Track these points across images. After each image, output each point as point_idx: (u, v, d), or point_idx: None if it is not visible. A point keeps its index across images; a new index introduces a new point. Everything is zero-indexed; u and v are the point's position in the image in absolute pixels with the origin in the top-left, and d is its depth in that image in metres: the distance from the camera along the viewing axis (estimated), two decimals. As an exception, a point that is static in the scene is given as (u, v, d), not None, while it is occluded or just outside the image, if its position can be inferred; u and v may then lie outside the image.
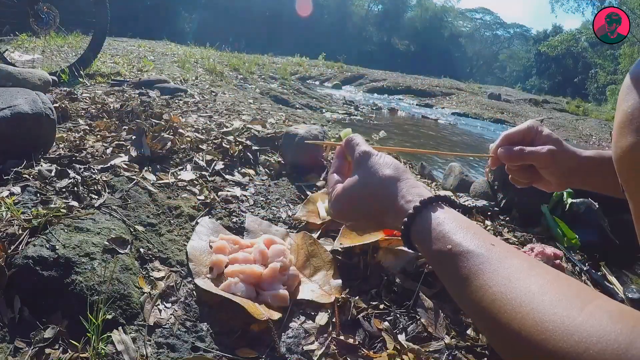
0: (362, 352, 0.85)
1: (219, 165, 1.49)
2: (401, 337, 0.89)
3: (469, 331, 0.95)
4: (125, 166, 1.31)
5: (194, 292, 0.94)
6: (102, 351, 0.73)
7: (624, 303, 1.16)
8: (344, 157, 0.66)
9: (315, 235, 1.16)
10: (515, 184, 0.82)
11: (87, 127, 1.71)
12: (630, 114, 0.49)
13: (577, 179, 0.72)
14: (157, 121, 1.75)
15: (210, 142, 1.65)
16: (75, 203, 1.05)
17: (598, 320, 0.33)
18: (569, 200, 1.51)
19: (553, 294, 0.37)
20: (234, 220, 1.23)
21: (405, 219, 0.51)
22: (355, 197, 0.58)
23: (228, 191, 1.36)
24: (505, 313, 0.38)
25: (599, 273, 1.31)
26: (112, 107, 1.98)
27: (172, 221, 1.13)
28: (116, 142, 1.51)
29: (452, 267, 0.44)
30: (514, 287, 0.38)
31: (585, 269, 1.29)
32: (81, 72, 2.86)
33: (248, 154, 1.61)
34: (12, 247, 0.86)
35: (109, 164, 1.29)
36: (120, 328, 0.79)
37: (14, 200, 0.99)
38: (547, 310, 0.35)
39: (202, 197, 1.27)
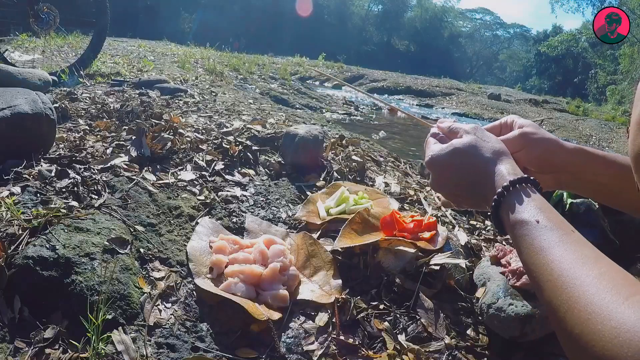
0: (362, 352, 0.85)
1: (219, 166, 1.49)
2: (401, 338, 0.89)
3: (469, 331, 0.95)
4: (125, 166, 1.31)
5: (194, 292, 0.94)
6: (102, 351, 0.73)
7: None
8: (436, 137, 0.69)
9: (315, 236, 1.16)
10: None
11: (87, 127, 1.71)
12: None
13: (567, 174, 0.70)
14: (157, 121, 1.75)
15: (210, 142, 1.65)
16: (75, 203, 1.05)
17: (636, 312, 0.35)
18: (569, 200, 1.51)
19: (606, 283, 0.40)
20: (234, 220, 1.23)
21: (504, 186, 0.55)
22: (461, 156, 0.61)
23: (228, 191, 1.36)
24: (565, 291, 0.42)
25: (599, 273, 1.31)
26: (112, 107, 1.98)
27: (172, 221, 1.13)
28: (116, 142, 1.51)
29: (533, 237, 0.49)
30: (578, 271, 0.43)
31: (585, 269, 1.29)
32: (81, 72, 2.86)
33: (248, 154, 1.61)
34: (12, 247, 0.86)
35: (109, 164, 1.29)
36: (120, 328, 0.79)
37: (14, 200, 0.99)
38: (596, 296, 0.39)
39: (202, 197, 1.27)
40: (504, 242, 1.33)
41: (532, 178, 0.55)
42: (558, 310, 0.43)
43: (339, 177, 1.57)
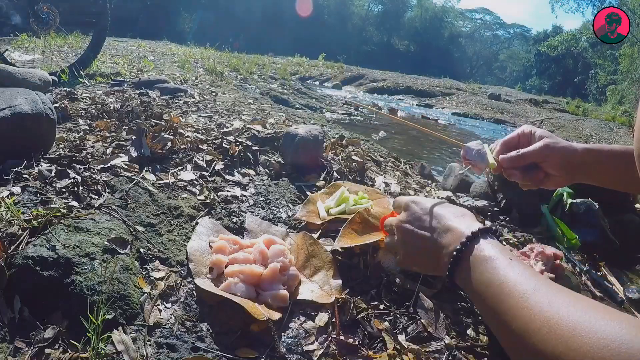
0: (362, 353, 0.85)
1: (219, 166, 1.49)
2: (401, 338, 0.89)
3: (469, 331, 0.95)
4: (125, 166, 1.31)
5: (194, 292, 0.94)
6: (102, 351, 0.73)
7: (623, 303, 1.16)
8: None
9: (315, 236, 1.16)
10: (524, 189, 0.86)
11: (87, 127, 1.71)
12: None
13: (580, 173, 0.76)
14: (157, 121, 1.75)
15: (210, 142, 1.65)
16: (75, 203, 1.05)
17: (620, 326, 0.38)
18: (569, 201, 1.51)
19: (581, 305, 0.43)
20: (234, 220, 1.23)
21: (459, 245, 0.60)
22: (415, 229, 0.74)
23: (228, 191, 1.36)
24: (539, 315, 0.44)
25: (599, 273, 1.31)
26: (112, 107, 1.98)
27: (172, 221, 1.13)
28: (116, 142, 1.51)
29: (502, 298, 0.51)
30: (562, 318, 0.43)
31: (585, 269, 1.29)
32: (81, 72, 2.86)
33: (248, 154, 1.61)
34: (12, 247, 0.86)
35: (109, 164, 1.29)
36: (120, 328, 0.79)
37: (14, 200, 0.99)
38: (575, 316, 0.42)
39: (202, 197, 1.27)
40: (526, 248, 1.33)
41: (494, 228, 0.61)
42: (533, 336, 0.44)
43: (339, 177, 1.57)
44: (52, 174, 1.16)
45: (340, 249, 1.09)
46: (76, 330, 0.76)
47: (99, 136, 1.59)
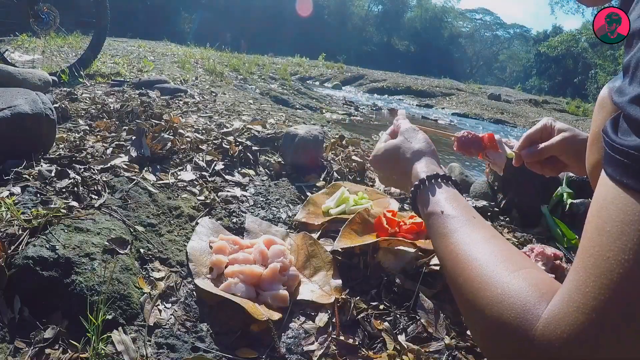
0: (362, 353, 0.85)
1: (219, 166, 1.49)
2: (401, 338, 0.89)
3: (469, 331, 0.95)
4: (125, 166, 1.31)
5: (194, 292, 0.94)
6: (102, 351, 0.73)
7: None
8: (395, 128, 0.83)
9: (315, 236, 1.16)
10: (546, 175, 0.91)
11: (87, 127, 1.71)
12: (597, 134, 0.58)
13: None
14: (157, 121, 1.75)
15: (210, 142, 1.65)
16: (75, 203, 1.05)
17: (520, 282, 0.41)
18: (569, 201, 1.50)
19: (497, 258, 0.46)
20: (234, 220, 1.23)
21: (417, 182, 0.65)
22: (391, 154, 0.76)
23: (228, 191, 1.36)
24: (462, 269, 0.48)
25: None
26: (112, 108, 1.98)
27: (172, 221, 1.13)
28: (116, 143, 1.51)
29: (439, 225, 0.57)
30: (473, 250, 0.49)
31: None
32: (81, 72, 2.86)
33: (248, 154, 1.61)
34: (12, 247, 0.86)
35: (109, 164, 1.29)
36: (120, 328, 0.79)
37: (14, 201, 0.99)
38: (487, 269, 0.45)
39: (202, 198, 1.27)
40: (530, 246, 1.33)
41: (443, 174, 0.64)
42: (457, 285, 0.48)
43: (339, 177, 1.57)
44: (52, 174, 1.16)
45: (340, 249, 1.09)
46: (76, 330, 0.76)
47: (99, 136, 1.59)
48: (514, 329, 0.38)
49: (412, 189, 0.65)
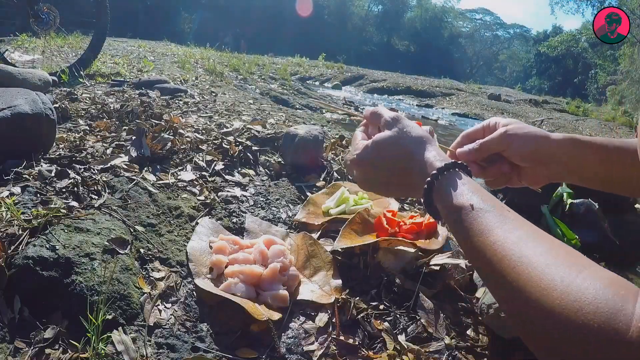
0: (362, 353, 0.85)
1: (219, 166, 1.49)
2: (401, 338, 0.89)
3: (469, 331, 0.95)
4: (125, 166, 1.31)
5: (194, 292, 0.94)
6: (102, 351, 0.73)
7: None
8: (367, 127, 0.69)
9: (315, 236, 1.16)
10: (492, 187, 0.77)
11: (87, 127, 1.71)
12: None
13: (556, 163, 0.67)
14: (157, 121, 1.75)
15: (210, 142, 1.65)
16: (75, 203, 1.05)
17: (592, 285, 0.37)
18: (569, 201, 1.51)
19: (555, 258, 0.41)
20: (234, 220, 1.23)
21: (434, 172, 0.54)
22: (385, 150, 0.60)
23: (228, 191, 1.36)
24: (514, 269, 0.42)
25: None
26: (112, 108, 1.98)
27: (172, 221, 1.13)
28: (116, 143, 1.51)
29: (471, 221, 0.48)
30: (523, 249, 0.43)
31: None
32: (81, 72, 2.86)
33: (248, 154, 1.61)
34: (12, 247, 0.86)
35: (109, 164, 1.29)
36: (120, 328, 0.79)
37: (14, 201, 0.99)
38: (549, 272, 0.39)
39: (202, 198, 1.27)
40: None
41: (460, 162, 0.55)
42: (507, 289, 0.42)
43: (339, 177, 1.57)
44: (52, 174, 1.16)
45: (340, 249, 1.09)
46: (76, 330, 0.76)
47: (99, 136, 1.59)
48: (606, 334, 0.34)
49: (427, 183, 0.54)
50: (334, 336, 0.87)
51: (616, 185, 0.69)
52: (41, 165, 1.20)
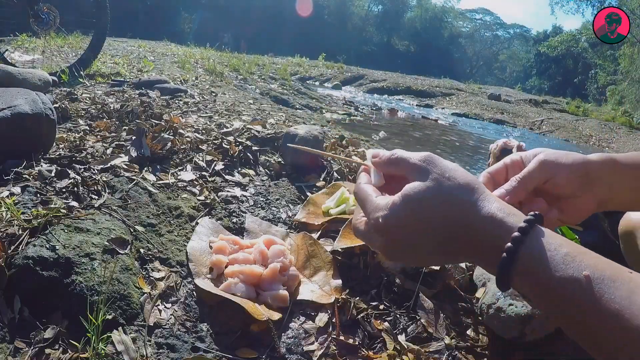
0: (362, 353, 0.85)
1: (219, 166, 1.49)
2: (401, 338, 0.89)
3: (469, 331, 0.95)
4: (125, 166, 1.31)
5: (194, 292, 0.94)
6: (102, 351, 0.73)
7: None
8: (368, 174, 0.52)
9: (315, 236, 1.16)
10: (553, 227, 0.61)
11: (87, 127, 1.71)
12: None
13: (603, 188, 0.57)
14: (157, 121, 1.75)
15: (210, 142, 1.65)
16: (75, 203, 1.05)
17: None
18: (569, 201, 1.50)
19: None
20: (234, 220, 1.23)
21: (515, 235, 0.38)
22: (425, 208, 0.42)
23: (228, 191, 1.36)
24: None
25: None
26: (112, 108, 1.98)
27: (172, 221, 1.13)
28: (116, 143, 1.51)
29: (594, 297, 0.34)
30: None
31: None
32: (81, 72, 2.86)
33: (248, 154, 1.61)
34: (12, 247, 0.86)
35: (109, 164, 1.29)
36: (120, 328, 0.79)
37: (14, 201, 0.99)
38: None
39: (202, 198, 1.27)
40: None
41: (537, 213, 0.40)
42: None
43: (339, 177, 1.57)
44: (52, 174, 1.16)
45: (340, 249, 1.09)
46: (76, 330, 0.76)
47: (99, 136, 1.59)
48: None
49: (510, 247, 0.38)
50: (334, 336, 0.87)
51: None
52: (41, 165, 1.20)
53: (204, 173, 1.42)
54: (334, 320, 0.91)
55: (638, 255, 0.63)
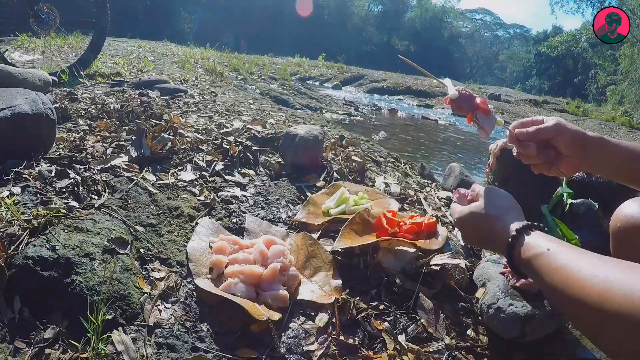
0: (362, 353, 0.85)
1: (219, 166, 1.49)
2: (401, 338, 0.89)
3: (469, 331, 0.95)
4: (125, 166, 1.31)
5: (194, 292, 0.94)
6: (102, 351, 0.73)
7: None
8: (464, 198, 0.84)
9: (315, 236, 1.16)
10: (536, 171, 0.88)
11: (87, 127, 1.71)
12: None
13: (593, 156, 0.78)
14: (157, 122, 1.75)
15: (210, 142, 1.65)
16: (75, 203, 1.05)
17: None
18: (569, 201, 1.51)
19: (621, 270, 0.46)
20: (234, 220, 1.23)
21: (514, 232, 0.65)
22: (476, 216, 0.75)
23: (228, 192, 1.36)
24: (600, 292, 0.46)
25: (599, 273, 1.31)
26: (112, 108, 1.98)
27: (172, 221, 1.13)
28: (116, 143, 1.51)
29: (549, 261, 0.56)
30: (610, 274, 0.47)
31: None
32: (81, 72, 2.86)
33: (248, 154, 1.61)
34: (12, 248, 0.86)
35: (109, 165, 1.29)
36: (120, 328, 0.79)
37: (14, 201, 0.99)
38: (613, 279, 0.45)
39: (202, 198, 1.27)
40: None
41: (537, 224, 0.65)
42: (600, 314, 0.45)
43: (339, 177, 1.57)
44: (52, 174, 1.16)
45: (340, 249, 1.09)
46: (76, 330, 0.76)
47: (99, 136, 1.59)
48: None
49: (510, 238, 0.65)
50: (334, 336, 0.87)
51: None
52: (41, 165, 1.20)
53: (204, 173, 1.42)
54: (334, 320, 0.91)
55: (627, 253, 0.75)
